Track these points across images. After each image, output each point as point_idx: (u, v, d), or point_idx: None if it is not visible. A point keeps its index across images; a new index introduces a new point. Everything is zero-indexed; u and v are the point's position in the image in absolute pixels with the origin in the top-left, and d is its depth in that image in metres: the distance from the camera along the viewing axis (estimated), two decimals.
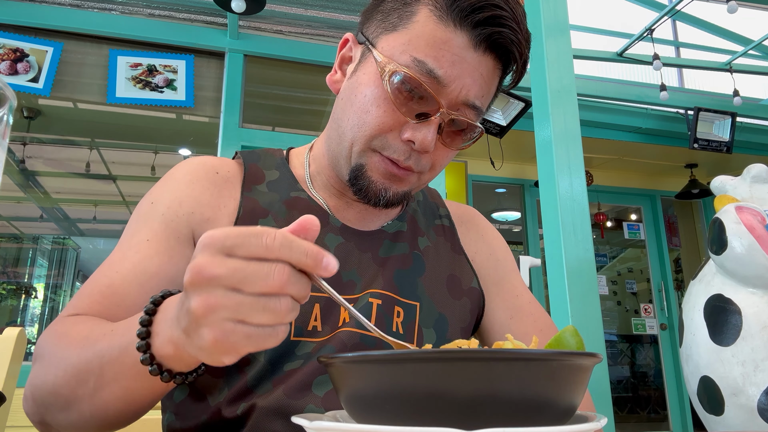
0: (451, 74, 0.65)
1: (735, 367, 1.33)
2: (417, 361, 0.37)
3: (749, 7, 4.22)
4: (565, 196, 1.90)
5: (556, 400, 0.38)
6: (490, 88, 0.71)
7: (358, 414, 0.41)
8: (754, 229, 1.36)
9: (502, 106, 3.49)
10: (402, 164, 0.68)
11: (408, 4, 0.68)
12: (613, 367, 5.46)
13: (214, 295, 0.39)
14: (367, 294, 0.71)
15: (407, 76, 0.65)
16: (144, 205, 0.72)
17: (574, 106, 2.01)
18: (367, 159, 0.69)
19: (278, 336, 0.41)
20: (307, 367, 0.66)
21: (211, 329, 0.40)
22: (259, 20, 3.17)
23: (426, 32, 0.66)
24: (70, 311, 0.63)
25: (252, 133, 3.06)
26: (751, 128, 4.48)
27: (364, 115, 0.68)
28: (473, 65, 0.67)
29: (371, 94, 0.68)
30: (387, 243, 0.77)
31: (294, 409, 0.63)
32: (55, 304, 4.67)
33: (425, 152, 0.68)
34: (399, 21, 0.68)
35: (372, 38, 0.71)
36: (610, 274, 5.74)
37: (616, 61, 3.91)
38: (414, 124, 0.67)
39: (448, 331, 0.76)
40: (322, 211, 0.76)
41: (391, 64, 0.66)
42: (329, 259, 0.40)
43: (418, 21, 0.67)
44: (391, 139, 0.68)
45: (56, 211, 4.21)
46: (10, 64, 2.81)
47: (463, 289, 0.80)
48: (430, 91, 0.65)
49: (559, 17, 2.11)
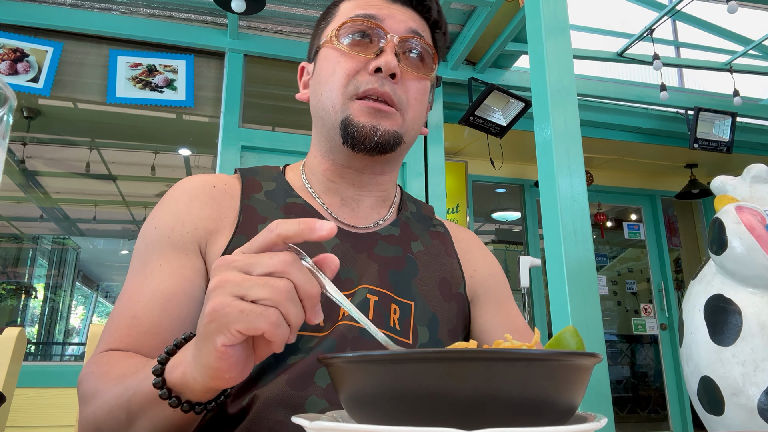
0: (383, 13, 0.77)
1: (735, 367, 1.33)
2: (417, 361, 0.37)
3: (749, 7, 4.22)
4: (565, 196, 1.90)
5: (556, 400, 0.38)
6: (424, 29, 0.81)
7: (358, 414, 0.41)
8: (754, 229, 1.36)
9: (502, 106, 3.49)
10: (379, 91, 0.74)
11: (330, 9, 0.84)
12: (613, 367, 5.46)
13: (225, 274, 0.44)
14: (365, 289, 0.73)
15: (347, 23, 0.76)
16: (148, 230, 0.74)
17: (574, 106, 2.01)
18: (349, 109, 0.75)
19: (269, 318, 0.43)
20: (309, 358, 0.67)
21: (213, 300, 0.43)
22: (259, 20, 3.17)
23: (350, 7, 0.80)
24: (102, 348, 0.66)
25: (252, 133, 3.05)
26: (751, 128, 4.48)
27: (330, 77, 0.77)
28: (399, 10, 0.79)
29: (330, 64, 0.77)
30: (381, 244, 0.79)
31: (296, 400, 0.65)
32: (55, 304, 4.67)
33: (393, 76, 0.74)
34: (329, 20, 0.82)
35: (318, 45, 0.83)
36: (610, 274, 5.74)
37: (616, 61, 3.91)
38: (374, 58, 0.75)
39: (439, 331, 0.77)
40: (317, 214, 0.78)
41: (333, 31, 0.78)
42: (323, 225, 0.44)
43: (341, 9, 0.81)
44: (360, 78, 0.75)
45: (56, 211, 4.21)
46: (10, 64, 2.81)
47: (452, 293, 0.82)
48: (373, 25, 0.76)
49: (559, 17, 2.11)
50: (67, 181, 3.69)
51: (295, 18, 3.20)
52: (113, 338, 0.66)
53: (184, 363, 0.49)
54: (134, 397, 0.53)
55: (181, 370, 0.49)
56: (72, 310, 5.19)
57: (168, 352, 0.52)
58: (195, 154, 3.55)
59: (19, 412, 2.11)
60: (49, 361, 4.20)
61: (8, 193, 3.44)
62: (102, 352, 0.65)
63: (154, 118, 3.24)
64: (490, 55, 3.47)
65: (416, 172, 3.27)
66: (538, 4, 2.10)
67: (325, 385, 0.67)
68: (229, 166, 2.94)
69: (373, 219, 0.83)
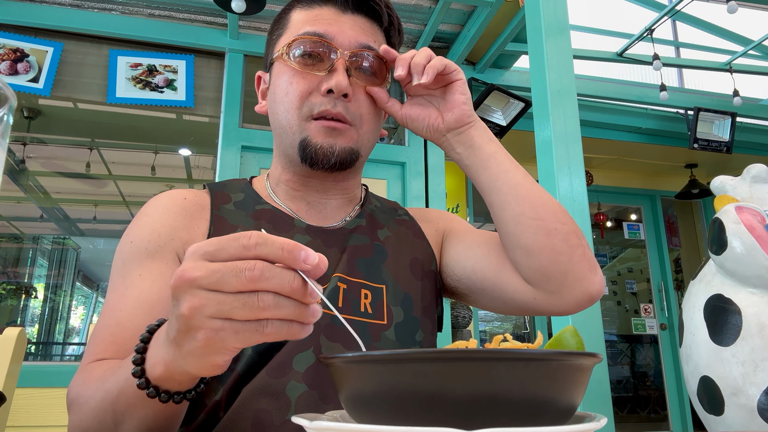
0: (332, 30, 0.77)
1: (735, 367, 1.33)
2: (417, 361, 0.37)
3: (749, 7, 4.21)
4: (565, 196, 1.90)
5: (556, 400, 0.38)
6: (376, 38, 0.81)
7: (358, 414, 0.41)
8: (754, 229, 1.36)
9: (502, 106, 3.49)
10: (332, 112, 0.75)
11: (282, 17, 0.83)
12: (613, 367, 5.46)
13: (197, 297, 0.40)
14: (336, 278, 0.76)
15: (298, 40, 0.76)
16: (124, 246, 0.75)
17: (574, 106, 2.01)
18: (305, 130, 0.76)
19: (264, 332, 0.41)
20: (286, 347, 0.69)
21: (202, 330, 0.41)
22: (259, 20, 3.17)
23: (301, 20, 0.79)
24: (89, 359, 0.66)
25: (252, 133, 3.05)
26: (751, 128, 4.48)
27: (285, 98, 0.77)
28: (350, 23, 0.78)
29: (284, 81, 0.78)
30: (349, 236, 0.82)
31: (276, 388, 0.66)
32: (55, 304, 4.67)
33: (344, 94, 0.75)
34: (281, 32, 0.82)
35: (271, 58, 0.83)
36: (610, 274, 5.74)
37: (616, 61, 3.91)
38: (326, 77, 0.75)
39: (413, 309, 0.80)
40: (287, 216, 0.81)
41: (284, 47, 0.77)
42: (308, 252, 0.40)
43: (293, 20, 0.81)
44: (313, 99, 0.76)
45: (56, 211, 4.21)
46: (10, 64, 2.81)
47: (424, 271, 0.85)
48: (324, 43, 0.76)
49: (559, 17, 2.11)
50: (67, 181, 3.69)
51: None
52: (99, 348, 0.66)
53: (165, 360, 0.47)
54: (119, 399, 0.53)
55: (162, 366, 0.47)
56: (72, 310, 5.19)
57: (143, 339, 0.51)
58: (195, 154, 3.55)
59: (19, 412, 2.11)
60: (49, 361, 4.20)
61: (8, 193, 3.44)
62: (89, 363, 0.65)
63: (154, 118, 3.24)
64: (490, 55, 3.48)
65: (416, 172, 3.27)
66: (538, 4, 2.10)
67: (304, 369, 0.68)
68: (229, 166, 2.94)
69: (340, 217, 0.85)
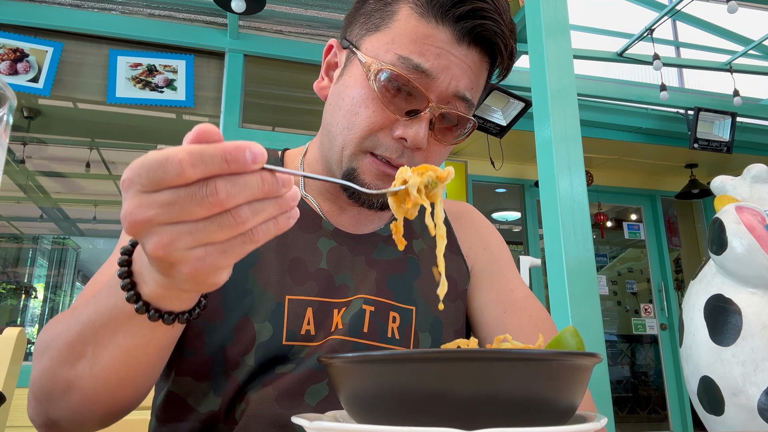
0: (438, 66, 0.65)
1: (735, 367, 1.33)
2: (417, 361, 0.37)
3: (749, 7, 4.22)
4: (565, 196, 1.90)
5: (556, 400, 0.38)
6: (479, 81, 0.70)
7: (358, 414, 0.41)
8: (754, 229, 1.35)
9: (502, 106, 3.48)
10: (395, 162, 0.67)
11: (388, 3, 0.69)
12: (613, 367, 5.46)
13: (162, 234, 0.36)
14: (360, 299, 0.71)
15: (393, 73, 0.65)
16: None
17: (574, 106, 2.01)
18: (358, 162, 0.68)
19: (254, 239, 0.37)
20: (300, 374, 0.65)
21: (184, 263, 0.37)
22: (259, 20, 3.17)
23: (408, 29, 0.66)
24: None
25: (252, 133, 3.06)
26: (751, 128, 4.48)
27: (353, 117, 0.68)
28: (459, 58, 0.66)
29: (359, 96, 0.67)
30: (380, 246, 0.76)
31: (285, 419, 0.63)
32: (55, 304, 4.67)
33: (418, 149, 0.67)
34: (381, 21, 0.69)
35: (356, 41, 0.71)
36: (610, 274, 5.74)
37: (616, 61, 3.91)
38: (405, 121, 0.66)
39: (442, 335, 0.75)
40: (315, 214, 0.75)
41: (376, 64, 0.66)
42: (253, 151, 0.35)
43: (400, 19, 0.67)
44: (382, 137, 0.67)
45: (56, 211, 4.21)
46: (10, 64, 2.81)
47: (458, 291, 0.79)
48: (417, 87, 0.65)
49: (559, 17, 2.11)
50: (67, 181, 3.69)
51: (295, 18, 3.20)
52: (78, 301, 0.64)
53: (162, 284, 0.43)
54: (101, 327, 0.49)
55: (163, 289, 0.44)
56: None
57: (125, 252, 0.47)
58: None
59: (19, 412, 2.11)
60: None
61: (8, 193, 3.44)
62: None
63: (154, 118, 3.24)
64: None
65: None
66: (538, 4, 2.10)
67: (315, 403, 0.65)
68: None
69: (375, 225, 0.79)
